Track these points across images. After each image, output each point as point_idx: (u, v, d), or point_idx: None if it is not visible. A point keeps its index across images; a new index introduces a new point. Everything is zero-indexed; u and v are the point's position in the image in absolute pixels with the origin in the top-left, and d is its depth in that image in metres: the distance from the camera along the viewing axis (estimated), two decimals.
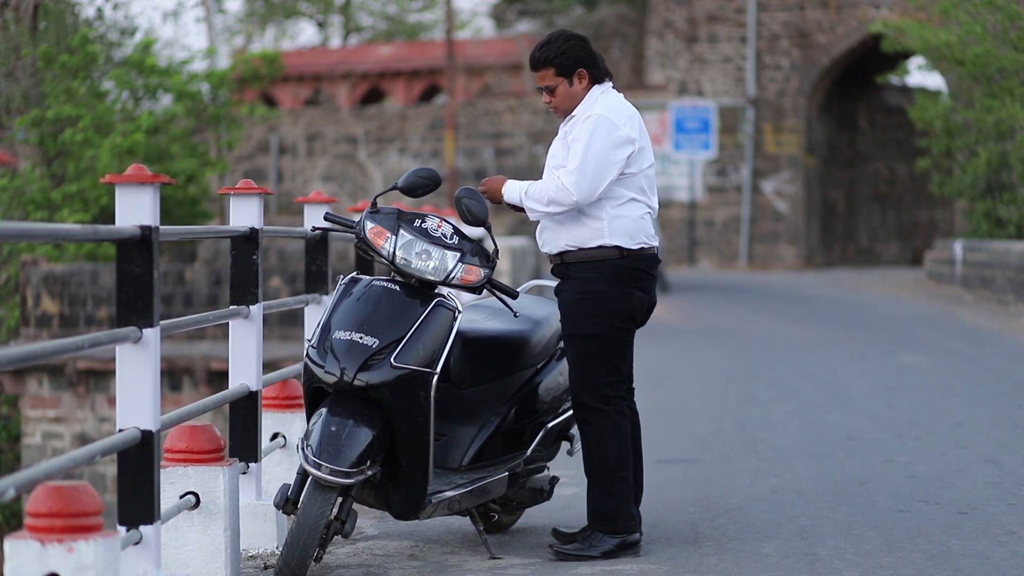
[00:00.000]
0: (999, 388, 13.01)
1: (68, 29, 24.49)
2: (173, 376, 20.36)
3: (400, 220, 6.31)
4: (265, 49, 38.79)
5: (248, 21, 55.72)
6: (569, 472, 8.26)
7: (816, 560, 6.35)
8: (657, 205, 6.60)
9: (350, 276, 6.31)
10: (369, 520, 7.37)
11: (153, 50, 26.33)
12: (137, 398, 5.08)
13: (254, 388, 6.45)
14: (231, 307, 6.46)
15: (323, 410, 6.01)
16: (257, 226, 6.48)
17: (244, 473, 6.42)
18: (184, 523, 5.81)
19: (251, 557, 6.52)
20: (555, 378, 6.83)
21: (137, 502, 5.07)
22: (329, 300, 6.41)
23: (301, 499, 5.94)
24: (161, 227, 5.17)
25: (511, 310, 6.59)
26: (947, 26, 27.49)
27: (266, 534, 6.58)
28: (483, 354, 6.65)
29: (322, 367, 6.03)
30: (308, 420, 6.13)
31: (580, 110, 6.47)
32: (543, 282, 7.28)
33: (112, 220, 5.19)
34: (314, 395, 6.15)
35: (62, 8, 25.12)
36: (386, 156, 41.24)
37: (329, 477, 5.84)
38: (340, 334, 6.03)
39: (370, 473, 5.95)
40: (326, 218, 6.50)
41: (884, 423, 10.82)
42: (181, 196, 24.26)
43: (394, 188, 6.33)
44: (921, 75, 62.05)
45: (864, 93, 40.59)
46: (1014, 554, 6.44)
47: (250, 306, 6.45)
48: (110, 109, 24.15)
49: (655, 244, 6.53)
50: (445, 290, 6.33)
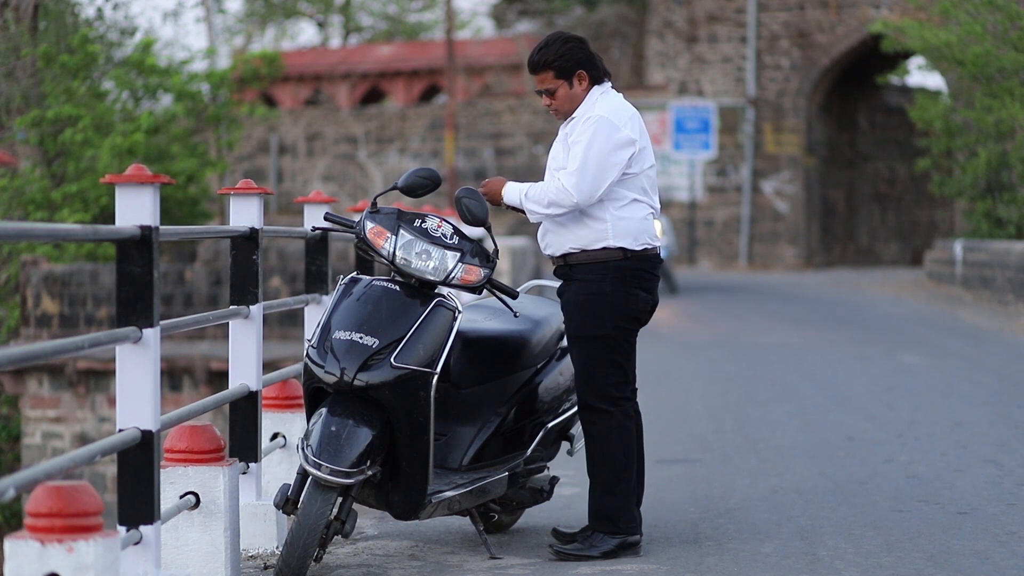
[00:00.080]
0: (999, 388, 13.01)
1: (68, 29, 24.48)
2: (173, 376, 20.36)
3: (400, 220, 6.30)
4: (265, 49, 38.77)
5: (248, 21, 55.72)
6: (569, 472, 8.26)
7: (816, 560, 6.35)
8: (659, 205, 6.60)
9: (350, 276, 6.31)
10: (369, 520, 7.37)
11: (153, 50, 26.32)
12: (137, 398, 5.09)
13: (254, 388, 6.45)
14: (231, 307, 6.46)
15: (323, 410, 6.01)
16: (257, 226, 6.48)
17: (244, 473, 6.42)
18: (184, 523, 5.81)
19: (251, 557, 6.52)
20: (555, 378, 6.83)
21: (137, 502, 5.07)
22: (329, 300, 6.41)
23: (301, 499, 5.94)
24: (161, 227, 5.17)
25: (511, 310, 6.59)
26: (947, 26, 27.49)
27: (266, 534, 6.58)
28: (483, 354, 6.64)
29: (322, 367, 6.03)
30: (308, 420, 6.13)
31: (580, 111, 6.47)
32: (543, 282, 7.27)
33: (112, 220, 5.19)
34: (314, 395, 6.15)
35: (62, 8, 25.12)
36: (386, 156, 41.23)
37: (329, 477, 5.84)
38: (340, 334, 6.03)
39: (370, 473, 5.95)
40: (326, 218, 6.50)
41: (884, 423, 10.82)
42: (181, 196, 24.25)
43: (394, 188, 6.33)
44: (921, 75, 62.02)
45: (864, 93, 40.59)
46: (1014, 554, 6.44)
47: (250, 306, 6.46)
48: (110, 109, 24.14)
49: (658, 244, 6.53)
50: (445, 290, 6.32)
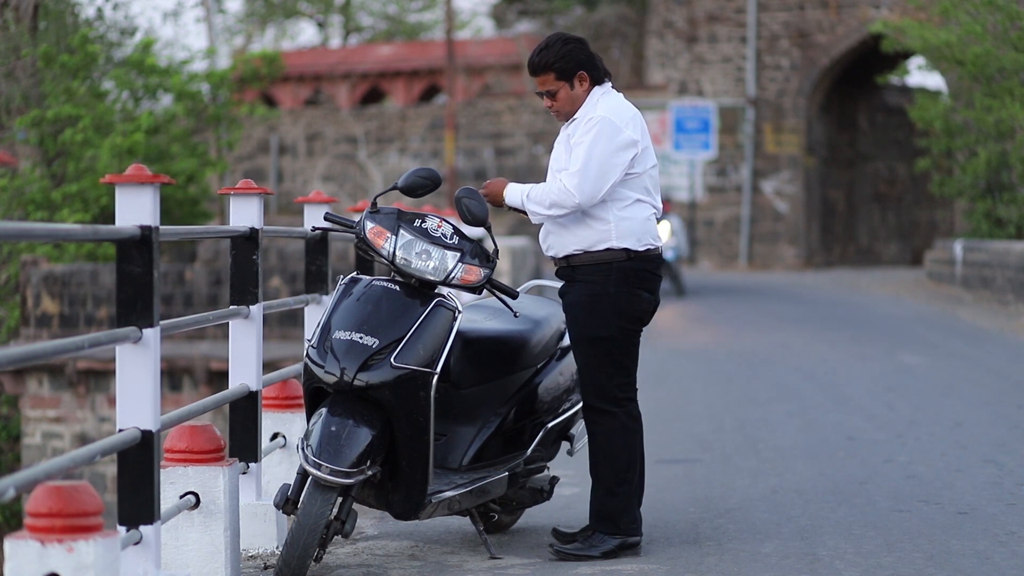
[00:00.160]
0: (999, 388, 13.01)
1: (68, 29, 24.48)
2: (173, 376, 20.36)
3: (400, 220, 6.30)
4: (265, 49, 38.76)
5: (248, 21, 55.70)
6: (569, 472, 8.26)
7: (816, 560, 6.35)
8: (661, 205, 6.60)
9: (350, 276, 6.31)
10: (369, 520, 7.37)
11: (153, 50, 26.32)
12: (137, 398, 5.09)
13: (254, 388, 6.45)
14: (231, 307, 6.46)
15: (323, 410, 6.01)
16: (257, 226, 6.48)
17: (244, 473, 6.42)
18: (184, 523, 5.81)
19: (251, 557, 6.52)
20: (555, 378, 6.83)
21: (137, 502, 5.07)
22: (329, 300, 6.41)
23: (301, 499, 5.94)
24: (161, 227, 5.18)
25: (511, 310, 6.59)
26: (947, 26, 27.49)
27: (266, 534, 6.58)
28: (483, 354, 6.64)
29: (322, 367, 6.03)
30: (308, 420, 6.13)
31: (582, 112, 6.46)
32: (543, 282, 7.27)
33: (112, 220, 5.19)
34: (314, 395, 6.15)
35: (62, 8, 25.12)
36: (386, 156, 41.23)
37: (329, 477, 5.84)
38: (340, 334, 6.03)
39: (370, 473, 5.95)
40: (326, 218, 6.50)
41: (884, 423, 10.82)
42: (181, 196, 24.24)
43: (394, 188, 6.33)
44: (921, 75, 61.94)
45: (864, 93, 40.59)
46: (1014, 554, 6.44)
47: (250, 306, 6.46)
48: (110, 109, 24.14)
49: (660, 245, 6.53)
50: (445, 290, 6.32)
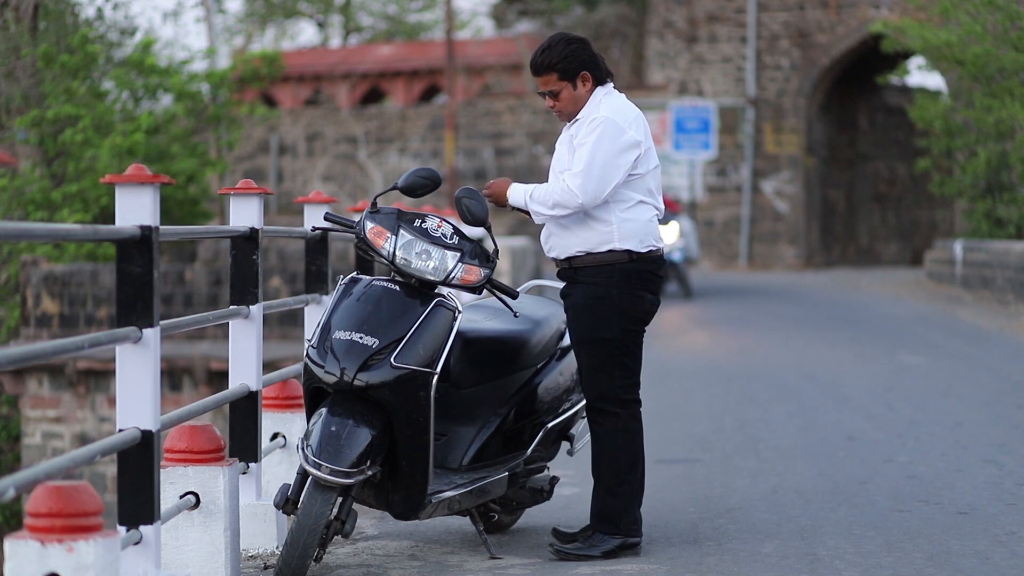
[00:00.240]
0: (999, 388, 13.01)
1: (68, 29, 24.48)
2: (173, 376, 20.36)
3: (400, 220, 6.30)
4: (265, 49, 38.75)
5: (248, 21, 55.69)
6: (569, 472, 8.26)
7: (816, 560, 6.35)
8: (663, 206, 6.59)
9: (350, 276, 6.31)
10: (369, 520, 7.37)
11: (153, 50, 26.31)
12: (137, 398, 5.09)
13: (254, 388, 6.45)
14: (231, 307, 6.46)
15: (323, 410, 6.01)
16: (257, 226, 6.48)
17: (244, 473, 6.42)
18: (184, 523, 5.81)
19: (251, 557, 6.52)
20: (555, 378, 6.83)
21: (137, 502, 5.07)
22: (329, 300, 6.41)
23: (301, 499, 5.94)
24: (161, 227, 5.18)
25: (511, 310, 6.59)
26: (947, 26, 27.48)
27: (266, 534, 6.58)
28: (483, 354, 6.64)
29: (322, 367, 6.03)
30: (308, 420, 6.13)
31: (585, 112, 6.45)
32: (543, 282, 7.27)
33: (112, 220, 5.19)
34: (314, 395, 6.15)
35: (62, 8, 25.12)
36: (386, 156, 41.23)
37: (329, 477, 5.84)
38: (340, 334, 6.03)
39: (370, 473, 5.95)
40: (326, 218, 6.50)
41: (884, 423, 10.82)
42: (181, 196, 24.25)
43: (394, 188, 6.33)
44: (921, 75, 61.95)
45: (864, 93, 40.59)
46: (1014, 554, 6.44)
47: (250, 306, 6.46)
48: (110, 109, 24.14)
49: (662, 246, 6.52)
50: (445, 290, 6.32)
